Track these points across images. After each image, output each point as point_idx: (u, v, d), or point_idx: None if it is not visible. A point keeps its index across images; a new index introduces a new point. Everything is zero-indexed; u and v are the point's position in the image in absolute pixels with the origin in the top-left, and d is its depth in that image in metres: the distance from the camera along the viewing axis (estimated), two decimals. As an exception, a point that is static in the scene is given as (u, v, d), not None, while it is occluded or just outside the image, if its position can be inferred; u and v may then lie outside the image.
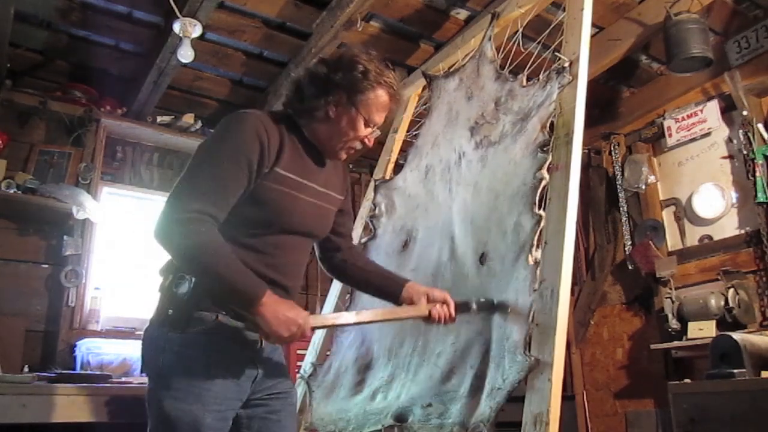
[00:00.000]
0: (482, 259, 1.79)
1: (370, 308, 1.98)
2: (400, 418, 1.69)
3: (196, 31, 2.54)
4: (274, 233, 1.43)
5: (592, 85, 2.09)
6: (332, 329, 2.20)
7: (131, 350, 2.77)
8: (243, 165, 1.35)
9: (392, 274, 1.72)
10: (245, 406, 1.43)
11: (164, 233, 1.29)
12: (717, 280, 2.91)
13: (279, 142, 1.42)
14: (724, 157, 3.12)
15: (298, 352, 2.90)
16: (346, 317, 1.63)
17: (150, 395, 1.37)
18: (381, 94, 1.51)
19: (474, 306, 1.65)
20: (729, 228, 3.05)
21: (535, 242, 1.61)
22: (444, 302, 1.57)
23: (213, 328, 1.34)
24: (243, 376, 1.41)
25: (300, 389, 2.16)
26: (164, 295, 1.38)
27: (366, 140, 1.54)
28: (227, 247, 1.30)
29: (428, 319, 1.56)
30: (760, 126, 2.85)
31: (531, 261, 1.59)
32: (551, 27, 2.02)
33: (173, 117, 3.39)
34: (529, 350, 1.46)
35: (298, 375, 2.26)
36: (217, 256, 1.28)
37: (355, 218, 2.66)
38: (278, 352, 1.55)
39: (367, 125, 1.52)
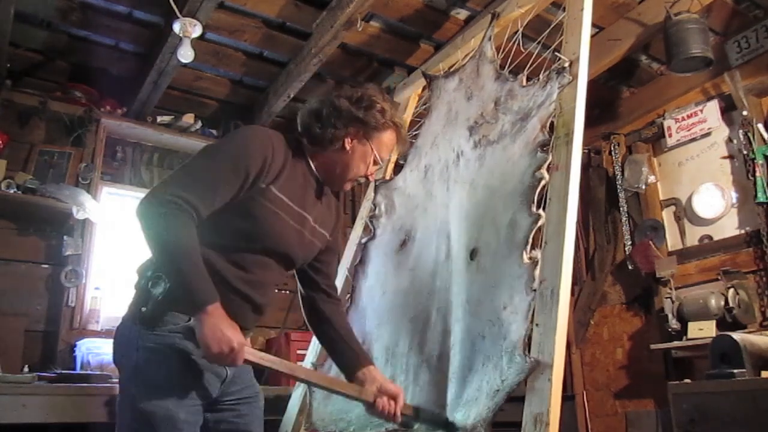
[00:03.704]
0: (472, 254, 1.78)
1: (369, 297, 2.06)
2: (404, 423, 1.68)
3: (196, 31, 2.54)
4: (256, 251, 1.45)
5: (592, 85, 2.09)
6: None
7: (131, 350, 2.77)
8: (240, 171, 1.37)
9: (361, 351, 1.67)
10: (213, 410, 1.46)
11: (143, 209, 1.28)
12: (717, 280, 2.90)
13: (282, 164, 1.46)
14: (724, 157, 3.12)
15: (298, 352, 2.90)
16: (286, 366, 1.49)
17: (123, 391, 1.38)
18: (392, 135, 1.61)
19: (421, 415, 1.61)
20: (729, 228, 3.05)
21: (530, 241, 1.60)
22: (394, 398, 1.53)
23: (184, 330, 1.34)
24: (212, 376, 1.42)
25: (300, 389, 2.17)
26: (139, 293, 1.39)
27: (369, 176, 1.62)
28: (197, 244, 1.29)
29: (372, 407, 1.53)
30: (760, 126, 2.85)
31: (526, 259, 1.59)
32: (551, 27, 2.02)
33: (173, 117, 3.39)
34: (529, 351, 1.46)
35: (298, 375, 2.26)
36: (185, 248, 1.27)
37: (354, 219, 2.68)
38: None
39: (375, 162, 1.60)
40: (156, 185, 1.36)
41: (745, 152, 2.89)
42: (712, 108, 3.12)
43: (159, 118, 3.38)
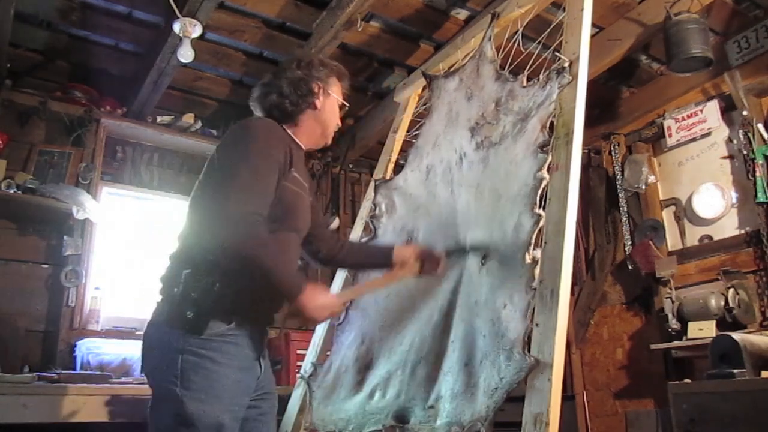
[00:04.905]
0: (483, 259, 1.79)
1: (371, 298, 2.13)
2: (401, 418, 1.69)
3: (196, 31, 2.54)
4: (283, 230, 1.55)
5: (592, 85, 2.09)
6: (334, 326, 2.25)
7: (131, 350, 2.77)
8: (275, 167, 1.49)
9: (377, 246, 2.01)
10: None
11: (231, 238, 1.38)
12: (717, 280, 2.90)
13: (290, 147, 1.58)
14: (724, 157, 3.12)
15: (298, 352, 2.90)
16: (360, 289, 1.98)
17: (165, 396, 1.39)
18: (338, 77, 1.77)
19: (449, 254, 1.86)
20: (729, 228, 3.05)
21: (533, 241, 1.61)
22: (429, 259, 1.82)
23: (228, 331, 1.41)
24: (251, 377, 1.50)
25: (300, 389, 2.16)
26: (179, 299, 1.42)
27: (340, 121, 1.80)
28: (275, 247, 1.46)
29: (420, 274, 1.81)
30: (760, 126, 2.85)
31: (528, 259, 1.59)
32: (551, 27, 2.01)
33: (173, 117, 3.39)
34: (529, 350, 1.46)
35: (298, 375, 2.26)
36: (272, 258, 1.42)
37: (354, 218, 2.67)
38: (266, 352, 1.67)
39: (339, 106, 1.78)
40: (221, 210, 1.40)
41: (745, 152, 2.89)
42: (712, 108, 3.12)
43: (159, 118, 3.37)
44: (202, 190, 1.54)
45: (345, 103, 1.80)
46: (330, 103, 1.73)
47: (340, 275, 2.36)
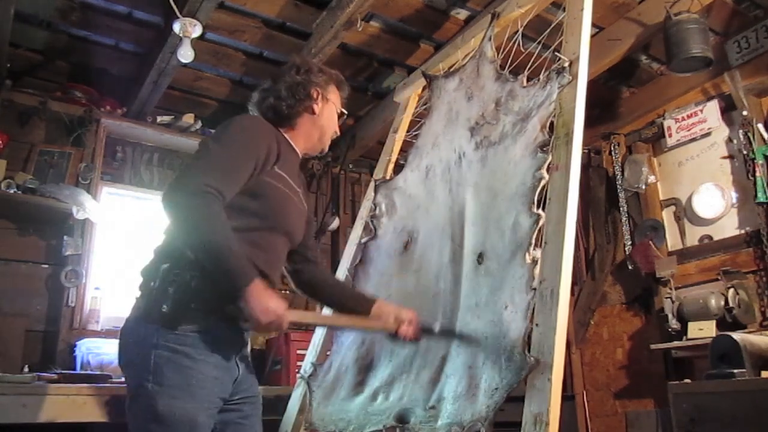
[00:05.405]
0: (480, 258, 1.79)
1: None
2: (402, 418, 1.69)
3: (196, 31, 2.54)
4: (269, 230, 1.52)
5: (592, 85, 2.09)
6: (330, 330, 2.21)
7: (131, 350, 2.76)
8: (252, 155, 1.46)
9: (362, 293, 1.89)
10: (220, 410, 1.46)
11: (174, 200, 1.32)
12: (717, 280, 2.91)
13: (278, 145, 1.56)
14: (724, 157, 3.12)
15: (298, 352, 2.90)
16: (321, 318, 1.81)
17: (138, 391, 1.37)
18: (336, 85, 1.77)
19: (436, 330, 1.73)
20: (729, 228, 3.05)
21: (533, 241, 1.61)
22: (410, 322, 1.68)
23: (205, 327, 1.38)
24: (228, 376, 1.46)
25: (300, 389, 2.16)
26: (155, 293, 1.40)
27: (338, 129, 1.79)
28: (230, 228, 1.34)
29: (395, 335, 1.67)
30: (760, 126, 2.85)
31: (528, 259, 1.59)
32: (551, 27, 2.01)
33: (173, 117, 3.39)
34: (529, 350, 1.46)
35: (298, 375, 2.26)
36: (221, 234, 1.32)
37: (354, 218, 2.67)
38: (249, 355, 1.63)
39: (339, 114, 1.78)
40: (179, 175, 1.40)
41: (745, 152, 2.89)
42: (712, 108, 3.13)
43: (159, 118, 3.37)
44: None
45: (344, 111, 1.80)
46: (328, 109, 1.73)
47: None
